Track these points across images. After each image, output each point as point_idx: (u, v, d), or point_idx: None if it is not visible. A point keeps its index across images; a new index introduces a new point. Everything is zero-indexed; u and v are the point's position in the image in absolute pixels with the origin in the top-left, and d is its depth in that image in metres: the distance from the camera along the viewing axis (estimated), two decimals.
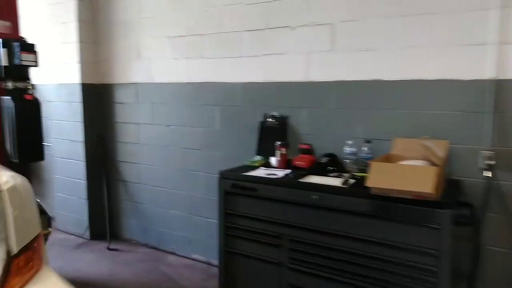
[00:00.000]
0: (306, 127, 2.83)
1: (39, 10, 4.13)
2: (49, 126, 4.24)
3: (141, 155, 3.77)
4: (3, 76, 2.35)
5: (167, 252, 3.69)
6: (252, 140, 2.98)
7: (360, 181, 2.16)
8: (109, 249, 3.77)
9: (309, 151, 2.70)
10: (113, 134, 3.95)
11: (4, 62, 2.33)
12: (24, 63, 2.32)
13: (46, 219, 2.85)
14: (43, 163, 4.50)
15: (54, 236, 4.07)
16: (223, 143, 3.23)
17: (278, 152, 2.66)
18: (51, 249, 3.73)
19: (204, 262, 3.45)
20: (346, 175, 2.32)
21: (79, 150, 3.94)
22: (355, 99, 2.63)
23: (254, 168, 2.64)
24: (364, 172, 2.24)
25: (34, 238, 1.12)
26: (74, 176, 4.03)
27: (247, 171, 2.52)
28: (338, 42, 2.65)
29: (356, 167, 2.47)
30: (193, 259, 3.54)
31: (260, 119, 2.96)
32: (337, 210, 2.12)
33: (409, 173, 1.92)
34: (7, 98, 2.34)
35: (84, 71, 3.84)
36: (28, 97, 2.37)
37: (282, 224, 2.30)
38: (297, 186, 2.24)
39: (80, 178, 3.98)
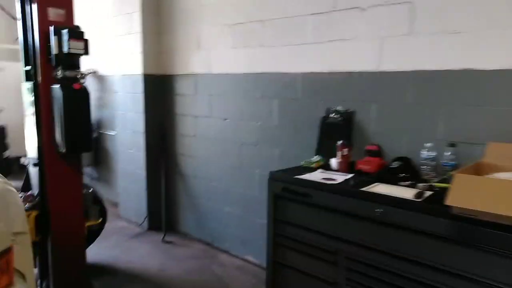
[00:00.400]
0: (375, 124, 2.43)
1: (105, 1, 4.19)
2: (115, 116, 4.32)
3: (198, 148, 3.64)
4: (54, 64, 2.30)
5: (221, 250, 3.53)
6: (312, 137, 2.66)
7: (439, 194, 1.74)
8: (164, 241, 3.71)
9: (377, 153, 2.31)
10: (173, 126, 3.87)
11: (55, 50, 2.28)
12: (73, 51, 2.25)
13: (97, 210, 2.83)
14: (112, 151, 4.63)
15: (116, 224, 4.15)
16: (281, 139, 2.94)
17: (339, 153, 2.31)
18: (110, 237, 3.80)
19: (257, 265, 3.22)
20: (421, 185, 1.90)
21: (140, 141, 3.94)
22: (438, 92, 2.17)
23: (310, 169, 2.32)
24: (445, 183, 1.81)
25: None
26: (135, 166, 4.04)
27: (301, 173, 2.21)
28: (419, 23, 2.20)
29: (434, 175, 2.03)
30: (246, 261, 3.33)
31: (322, 114, 2.62)
32: (406, 228, 1.73)
33: (505, 190, 1.47)
34: (56, 87, 2.29)
35: (146, 62, 3.80)
36: (76, 86, 2.30)
37: (339, 239, 1.96)
38: (359, 196, 1.89)
39: (140, 169, 3.98)
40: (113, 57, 4.19)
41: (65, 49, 2.25)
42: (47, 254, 2.56)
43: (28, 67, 2.50)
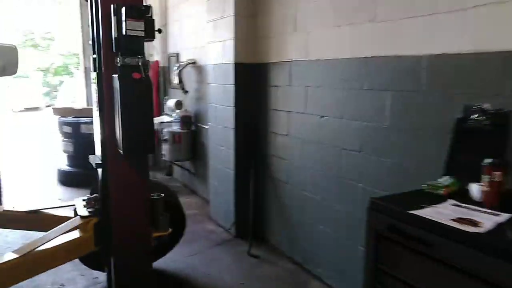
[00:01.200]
0: None
1: None
2: (208, 110, 4.02)
3: (290, 150, 3.07)
4: (114, 50, 1.97)
5: (313, 275, 2.92)
6: (440, 147, 1.85)
7: None
8: (249, 254, 3.25)
9: None
10: (265, 122, 3.36)
11: (115, 33, 1.94)
12: (131, 32, 1.87)
13: (167, 219, 2.48)
14: (207, 146, 4.34)
15: (204, 226, 3.87)
16: (394, 147, 2.18)
17: (486, 177, 1.48)
18: (195, 242, 3.48)
19: None
20: None
21: (230, 137, 3.54)
22: None
23: (436, 198, 1.55)
24: None
25: None
26: (225, 165, 3.67)
27: (421, 204, 1.46)
28: None
29: None
30: None
31: (458, 114, 1.79)
32: None
33: None
34: (115, 76, 1.95)
35: (238, 49, 3.36)
36: (136, 76, 1.92)
37: None
38: None
39: (230, 168, 3.59)
40: (207, 45, 3.86)
41: (123, 31, 1.88)
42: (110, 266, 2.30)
43: (95, 55, 2.23)
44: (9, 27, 15.78)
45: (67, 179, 5.13)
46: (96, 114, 2.27)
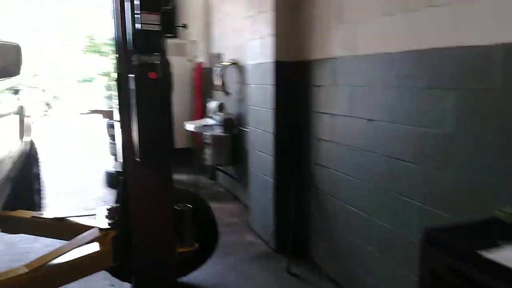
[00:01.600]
0: None
1: None
2: (248, 112, 3.79)
3: (334, 158, 2.74)
4: (131, 47, 1.78)
5: None
6: None
7: None
8: (289, 272, 2.95)
9: None
10: (307, 126, 3.05)
11: (130, 29, 1.75)
12: (146, 27, 1.67)
13: (192, 232, 2.26)
14: (248, 152, 4.11)
15: (243, 237, 3.66)
16: (458, 159, 1.78)
17: None
18: (232, 255, 3.24)
19: None
20: None
21: (269, 142, 3.27)
22: None
23: None
24: None
25: None
26: (264, 173, 3.41)
27: (495, 240, 1.08)
28: None
29: None
30: None
31: None
32: None
33: None
34: (131, 76, 1.77)
35: (278, 47, 3.08)
36: (152, 75, 1.72)
37: None
38: None
39: (269, 176, 3.32)
40: (247, 44, 3.63)
41: (138, 25, 1.69)
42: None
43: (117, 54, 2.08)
44: (75, 34, 16.81)
45: (113, 181, 5.15)
46: (117, 118, 2.12)
